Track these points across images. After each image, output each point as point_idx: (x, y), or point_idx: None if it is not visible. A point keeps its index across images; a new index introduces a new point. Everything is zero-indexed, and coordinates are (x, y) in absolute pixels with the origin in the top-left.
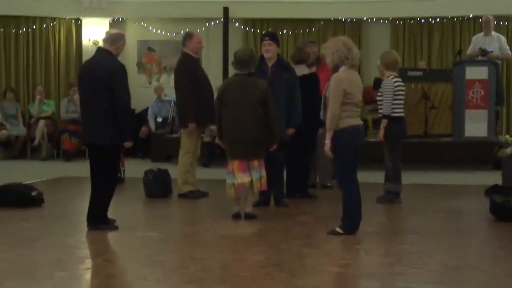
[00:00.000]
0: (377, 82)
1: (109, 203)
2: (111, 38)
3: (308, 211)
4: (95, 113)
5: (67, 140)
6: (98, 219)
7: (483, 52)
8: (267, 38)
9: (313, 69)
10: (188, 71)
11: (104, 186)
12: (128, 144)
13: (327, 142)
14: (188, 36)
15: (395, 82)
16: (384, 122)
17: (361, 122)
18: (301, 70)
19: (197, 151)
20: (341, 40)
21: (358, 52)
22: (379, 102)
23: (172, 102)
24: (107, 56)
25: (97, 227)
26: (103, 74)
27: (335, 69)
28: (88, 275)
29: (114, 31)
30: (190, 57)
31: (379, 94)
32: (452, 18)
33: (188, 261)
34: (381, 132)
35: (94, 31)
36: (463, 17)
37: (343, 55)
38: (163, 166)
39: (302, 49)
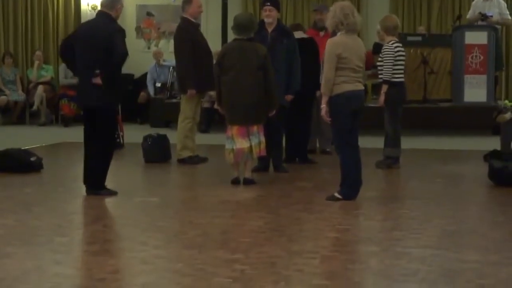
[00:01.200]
0: (377, 47)
1: (108, 168)
2: (108, 2)
3: (307, 176)
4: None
5: (66, 105)
6: (97, 184)
7: (483, 17)
8: (268, 4)
9: (322, 34)
10: (188, 36)
11: (103, 150)
12: (96, 80)
13: (323, 106)
14: (187, 1)
15: (396, 47)
16: (384, 87)
17: (359, 88)
18: (299, 33)
19: (196, 116)
20: (339, 6)
21: (357, 19)
22: (379, 68)
23: (171, 67)
24: (107, 20)
25: (96, 192)
26: (102, 38)
27: (334, 33)
28: (87, 241)
29: None
30: (190, 22)
31: (379, 59)
32: None
33: (187, 226)
34: (382, 98)
35: None
36: None
37: (338, 20)
38: (162, 131)
39: (299, 24)
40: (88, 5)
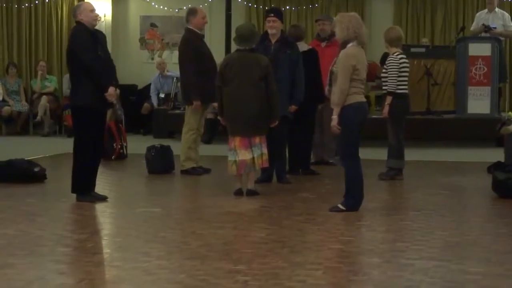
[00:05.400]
0: (385, 58)
1: (79, 172)
2: (73, 11)
3: (310, 187)
4: (71, 79)
5: (69, 116)
6: (76, 189)
7: (486, 28)
8: (271, 15)
9: (323, 44)
10: (193, 47)
11: (74, 153)
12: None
13: (335, 117)
14: (192, 12)
15: (401, 58)
16: (388, 99)
17: (365, 99)
18: (301, 46)
19: (200, 128)
20: (354, 17)
21: (366, 30)
22: (383, 79)
23: (175, 78)
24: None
25: (78, 198)
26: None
27: (344, 45)
28: (90, 251)
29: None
30: (194, 33)
31: (383, 70)
32: None
33: (190, 237)
34: (386, 109)
35: (96, 7)
36: None
37: (354, 31)
38: (165, 142)
39: (298, 26)
40: None
